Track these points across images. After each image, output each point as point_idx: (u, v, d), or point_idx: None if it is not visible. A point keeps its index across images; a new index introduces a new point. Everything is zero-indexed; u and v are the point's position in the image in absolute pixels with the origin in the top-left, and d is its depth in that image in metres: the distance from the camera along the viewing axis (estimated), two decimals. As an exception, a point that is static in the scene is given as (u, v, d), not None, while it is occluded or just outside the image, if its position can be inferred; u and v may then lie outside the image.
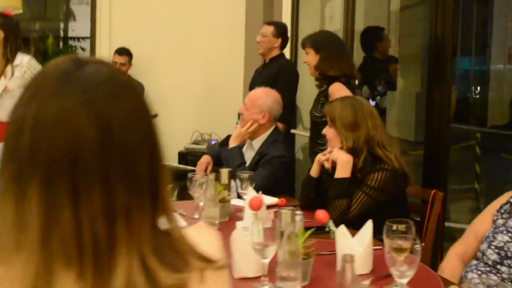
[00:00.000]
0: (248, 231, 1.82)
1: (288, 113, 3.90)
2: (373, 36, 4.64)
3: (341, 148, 2.47)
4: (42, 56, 6.36)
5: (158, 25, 5.44)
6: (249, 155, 3.14)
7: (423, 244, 2.49)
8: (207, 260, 0.86)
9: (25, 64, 3.74)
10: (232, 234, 1.89)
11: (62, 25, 7.24)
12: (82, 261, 0.73)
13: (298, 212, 2.06)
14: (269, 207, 2.68)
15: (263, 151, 3.07)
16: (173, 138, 5.25)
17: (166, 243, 0.82)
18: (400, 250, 1.70)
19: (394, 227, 1.74)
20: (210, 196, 2.44)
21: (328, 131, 2.54)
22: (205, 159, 3.29)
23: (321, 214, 1.94)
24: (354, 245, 1.88)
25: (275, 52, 4.18)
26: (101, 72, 0.82)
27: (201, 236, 0.91)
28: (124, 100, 0.80)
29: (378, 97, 4.88)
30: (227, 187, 2.65)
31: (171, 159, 4.85)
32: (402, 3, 4.97)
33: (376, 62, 4.78)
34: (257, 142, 3.14)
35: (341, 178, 2.43)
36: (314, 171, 2.60)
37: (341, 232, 1.90)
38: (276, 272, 1.64)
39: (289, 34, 4.38)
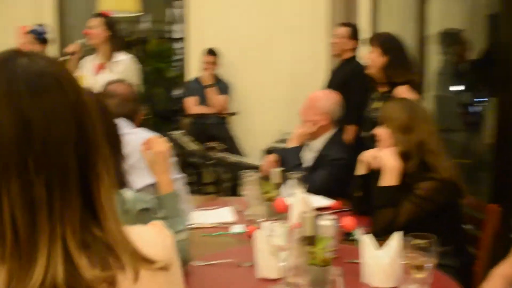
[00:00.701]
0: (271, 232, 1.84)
1: (360, 116, 3.84)
2: (453, 40, 4.43)
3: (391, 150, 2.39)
4: (144, 56, 6.73)
5: (245, 26, 5.55)
6: (308, 157, 3.13)
7: (477, 261, 2.36)
8: (145, 260, 0.85)
9: (126, 61, 4.01)
10: (254, 234, 1.90)
11: (169, 27, 7.55)
12: (3, 246, 0.77)
13: (331, 216, 2.03)
14: (323, 209, 2.69)
15: (322, 153, 3.05)
16: (259, 136, 5.33)
17: (98, 239, 0.82)
18: (417, 267, 1.63)
19: (414, 242, 1.66)
20: (254, 194, 2.48)
21: (380, 132, 2.47)
22: (271, 157, 3.30)
23: (348, 221, 1.89)
24: (379, 256, 1.82)
25: (349, 54, 4.16)
26: (32, 66, 0.81)
27: (149, 236, 0.90)
28: (48, 98, 0.80)
29: (479, 103, 4.64)
30: (278, 186, 2.66)
31: (256, 157, 4.92)
32: (491, 8, 4.70)
33: (475, 67, 4.55)
34: (317, 144, 3.12)
35: (386, 186, 2.35)
36: (359, 170, 2.56)
37: (366, 242, 1.85)
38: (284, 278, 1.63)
39: (367, 36, 4.32)
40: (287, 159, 3.11)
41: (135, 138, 2.32)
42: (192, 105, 5.28)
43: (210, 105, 5.24)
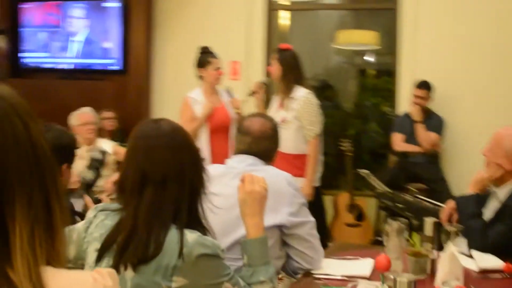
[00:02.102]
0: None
1: None
2: None
3: None
4: (361, 90, 6.58)
5: (462, 57, 5.01)
6: (493, 207, 2.60)
7: None
8: None
9: (301, 98, 3.91)
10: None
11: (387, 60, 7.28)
12: None
13: (454, 282, 1.61)
14: (490, 271, 2.22)
15: (506, 203, 2.50)
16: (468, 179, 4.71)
17: (5, 280, 0.80)
18: None
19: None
20: (391, 246, 2.13)
21: None
22: (450, 204, 2.84)
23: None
24: None
25: None
26: None
27: (77, 284, 0.87)
28: None
29: None
30: (431, 240, 2.26)
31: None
32: None
33: None
34: (503, 192, 2.57)
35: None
36: None
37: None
38: None
39: None
40: (462, 207, 2.64)
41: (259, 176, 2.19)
42: (399, 141, 4.92)
43: (419, 142, 4.82)
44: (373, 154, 6.22)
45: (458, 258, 2.03)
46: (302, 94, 3.94)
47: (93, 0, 5.86)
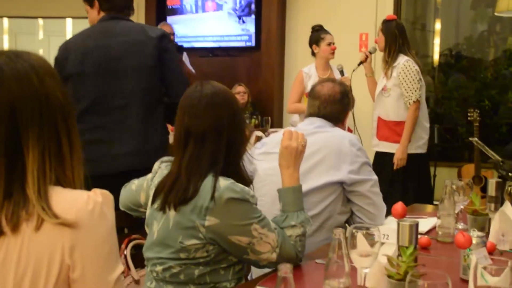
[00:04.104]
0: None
1: None
2: None
3: None
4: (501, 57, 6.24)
5: None
6: None
7: None
8: (52, 215, 1.07)
9: (401, 66, 3.95)
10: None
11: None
12: None
13: (478, 234, 1.68)
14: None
15: None
16: None
17: (21, 192, 1.08)
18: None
19: None
20: (446, 203, 2.19)
21: None
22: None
23: (460, 238, 1.55)
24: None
25: None
26: None
27: (71, 198, 1.11)
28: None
29: None
30: (494, 199, 2.26)
31: None
32: None
33: None
34: None
35: None
36: None
37: (476, 266, 1.47)
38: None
39: None
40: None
41: (323, 136, 2.36)
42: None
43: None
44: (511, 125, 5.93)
45: (509, 217, 2.05)
46: (402, 61, 4.01)
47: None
